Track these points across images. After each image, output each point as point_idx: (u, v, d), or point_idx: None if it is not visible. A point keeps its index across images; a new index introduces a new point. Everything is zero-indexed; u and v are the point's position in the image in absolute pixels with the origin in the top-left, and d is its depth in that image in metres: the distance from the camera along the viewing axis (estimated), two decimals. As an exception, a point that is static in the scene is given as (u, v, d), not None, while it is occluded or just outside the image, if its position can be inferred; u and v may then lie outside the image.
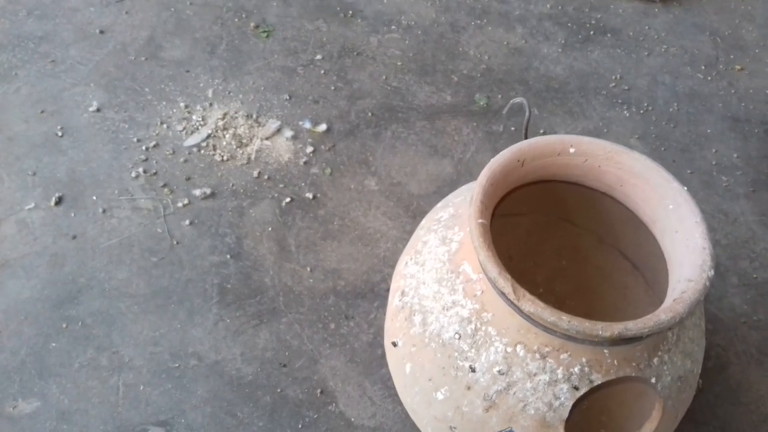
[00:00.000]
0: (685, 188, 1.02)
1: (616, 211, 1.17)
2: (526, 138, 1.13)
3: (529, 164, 1.07)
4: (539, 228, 1.39)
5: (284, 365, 1.37)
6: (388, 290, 1.47)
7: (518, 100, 1.15)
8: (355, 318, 1.45)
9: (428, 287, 1.06)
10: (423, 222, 1.21)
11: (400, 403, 1.28)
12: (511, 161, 1.04)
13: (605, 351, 0.91)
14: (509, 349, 0.94)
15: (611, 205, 1.16)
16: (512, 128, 1.82)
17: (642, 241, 1.16)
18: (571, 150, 1.07)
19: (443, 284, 1.03)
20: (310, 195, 1.63)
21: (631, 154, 1.05)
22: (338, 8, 2.10)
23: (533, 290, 1.13)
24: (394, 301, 1.15)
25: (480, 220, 0.95)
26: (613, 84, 1.98)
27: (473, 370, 0.96)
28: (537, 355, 0.92)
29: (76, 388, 1.31)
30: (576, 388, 0.90)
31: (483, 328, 0.96)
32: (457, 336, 0.99)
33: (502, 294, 0.91)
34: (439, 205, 1.22)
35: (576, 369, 0.90)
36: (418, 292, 1.08)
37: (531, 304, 0.87)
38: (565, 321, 0.85)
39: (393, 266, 1.52)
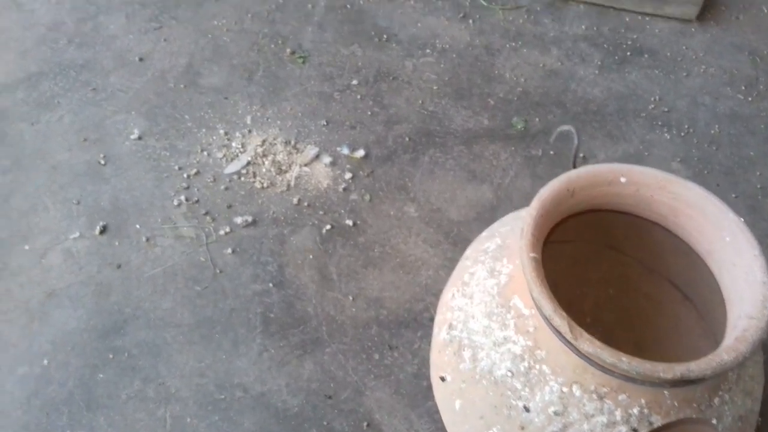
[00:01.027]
0: (742, 219, 1.00)
1: (666, 240, 1.15)
2: (574, 167, 1.11)
3: (579, 194, 1.06)
4: (585, 256, 1.37)
5: (329, 397, 1.36)
6: (431, 319, 1.47)
7: (566, 128, 1.14)
8: (399, 348, 1.44)
9: (477, 321, 1.05)
10: (468, 252, 1.20)
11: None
12: (561, 191, 1.03)
13: (665, 392, 0.89)
14: (565, 389, 0.92)
15: (661, 234, 1.14)
16: (551, 152, 1.81)
17: (695, 271, 1.14)
18: (623, 179, 1.06)
19: (493, 319, 1.02)
20: (350, 222, 1.63)
21: (685, 183, 1.04)
22: (372, 33, 2.10)
23: (580, 320, 1.12)
24: (441, 333, 1.14)
25: (532, 255, 0.94)
26: (653, 106, 1.96)
27: (527, 410, 0.95)
28: (594, 396, 0.91)
29: (123, 420, 1.31)
30: (635, 431, 0.89)
31: (537, 367, 0.95)
32: (509, 374, 0.97)
33: (558, 332, 0.90)
34: (484, 234, 1.21)
35: (635, 410, 0.89)
36: (467, 326, 1.06)
37: (589, 344, 0.86)
38: (625, 362, 0.84)
39: (435, 294, 1.51)
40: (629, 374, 0.85)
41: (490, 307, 1.03)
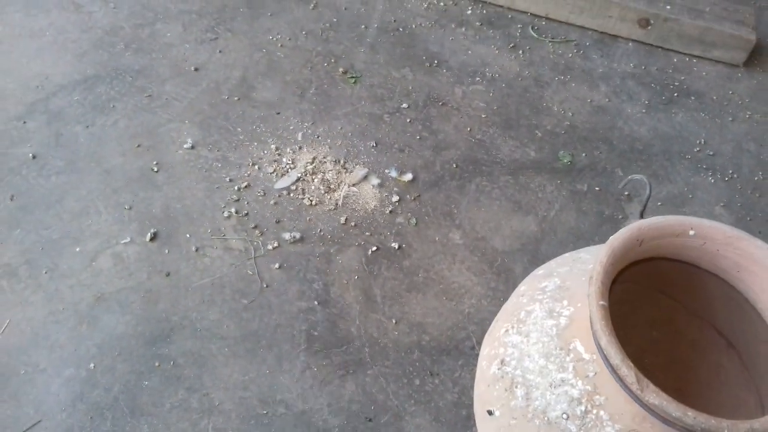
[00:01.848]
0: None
1: (717, 288, 1.16)
2: (642, 217, 1.13)
3: (647, 243, 1.07)
4: (632, 297, 1.38)
5: (370, 419, 1.37)
6: (472, 348, 1.48)
7: (638, 177, 1.16)
8: (440, 375, 1.45)
9: (533, 361, 1.06)
10: (523, 288, 1.21)
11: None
12: (631, 240, 1.04)
13: (724, 446, 0.90)
14: (622, 435, 0.93)
15: (717, 284, 1.15)
16: (596, 188, 1.82)
17: (744, 322, 1.14)
18: (691, 233, 1.07)
19: (551, 360, 1.03)
20: (395, 245, 1.65)
21: (754, 241, 1.05)
22: (424, 57, 2.12)
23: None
24: (491, 368, 1.15)
25: (601, 303, 0.95)
26: (698, 149, 1.97)
27: (582, 452, 0.96)
28: (652, 445, 0.91)
29: (167, 428, 1.33)
30: (692, 483, 0.89)
31: (594, 412, 0.96)
32: (564, 416, 0.98)
33: (622, 382, 0.91)
34: (540, 272, 1.22)
35: (694, 463, 0.89)
36: (522, 364, 1.07)
37: (655, 396, 0.87)
38: (691, 417, 0.84)
39: (477, 324, 1.52)
40: (693, 429, 0.86)
41: (548, 348, 1.04)
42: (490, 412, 1.12)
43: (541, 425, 1.01)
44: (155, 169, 1.73)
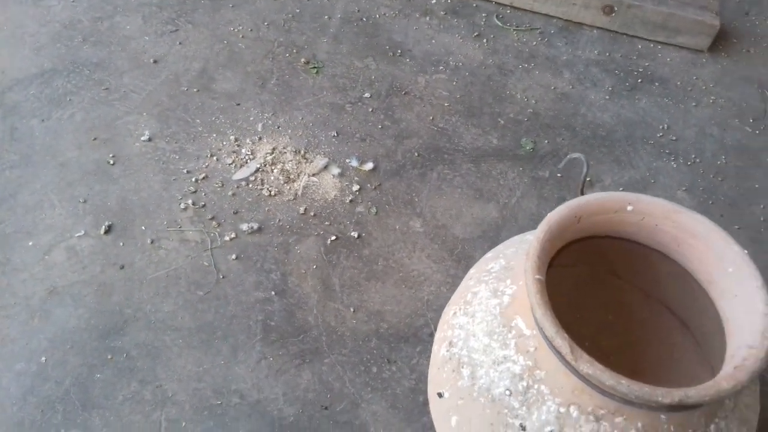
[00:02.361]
0: (746, 251, 1.00)
1: (666, 267, 1.15)
2: (582, 194, 1.12)
3: (586, 220, 1.07)
4: (585, 281, 1.37)
5: (326, 408, 1.36)
6: (431, 335, 1.47)
7: (576, 155, 1.15)
8: (398, 362, 1.44)
9: (478, 340, 1.05)
10: (472, 271, 1.20)
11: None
12: (569, 217, 1.04)
13: (662, 416, 0.90)
14: (562, 410, 0.92)
15: (661, 260, 1.14)
16: (558, 175, 1.81)
17: (693, 299, 1.14)
18: (629, 208, 1.06)
19: (494, 338, 1.02)
20: (355, 234, 1.64)
21: (691, 214, 1.04)
22: (387, 47, 2.12)
23: (579, 344, 1.11)
24: (440, 350, 1.14)
25: (537, 277, 0.94)
26: (661, 134, 1.97)
27: (524, 429, 0.95)
28: (591, 417, 0.91)
29: (119, 420, 1.31)
30: (631, 454, 0.89)
31: (535, 386, 0.95)
32: (507, 392, 0.97)
33: (559, 354, 0.90)
34: (489, 255, 1.22)
35: (632, 434, 0.89)
36: (467, 344, 1.07)
37: (589, 365, 0.86)
38: (625, 385, 0.84)
39: (437, 310, 1.51)
40: (628, 397, 0.85)
41: (492, 327, 1.04)
42: (440, 395, 1.11)
43: (486, 403, 1.00)
44: (111, 162, 1.71)
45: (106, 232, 1.58)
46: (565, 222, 1.03)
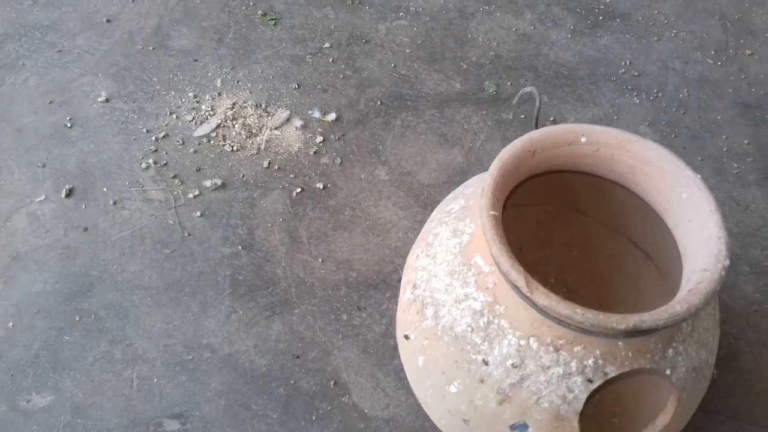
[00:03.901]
0: (699, 176, 1.01)
1: (627, 200, 1.16)
2: (536, 128, 1.12)
3: (540, 155, 1.07)
4: (550, 218, 1.38)
5: (297, 357, 1.37)
6: (399, 281, 1.48)
7: (528, 89, 1.15)
8: (367, 309, 1.45)
9: (440, 280, 1.06)
10: (434, 214, 1.20)
11: (414, 395, 1.28)
12: (522, 152, 1.03)
13: (620, 343, 0.91)
14: (522, 342, 0.94)
15: (623, 194, 1.15)
16: (522, 116, 1.81)
17: (654, 230, 1.15)
18: (583, 139, 1.07)
19: (455, 277, 1.03)
20: (320, 185, 1.63)
21: (644, 142, 1.05)
22: (346, -5, 2.09)
23: (545, 281, 1.13)
24: (405, 294, 1.15)
25: (492, 212, 0.94)
26: (623, 70, 1.97)
27: (486, 364, 0.96)
28: (550, 348, 0.92)
29: (90, 381, 1.32)
30: (590, 381, 0.90)
31: (496, 321, 0.96)
32: (469, 329, 0.99)
33: (515, 287, 0.91)
34: (449, 196, 1.22)
35: (590, 361, 0.90)
36: (430, 285, 1.07)
37: (544, 297, 0.87)
38: (579, 314, 0.85)
39: (404, 256, 1.52)
40: (584, 326, 0.87)
41: (452, 266, 1.04)
42: (406, 337, 1.12)
43: (449, 341, 1.01)
44: (69, 125, 1.68)
45: (68, 195, 1.56)
46: (519, 157, 1.02)
